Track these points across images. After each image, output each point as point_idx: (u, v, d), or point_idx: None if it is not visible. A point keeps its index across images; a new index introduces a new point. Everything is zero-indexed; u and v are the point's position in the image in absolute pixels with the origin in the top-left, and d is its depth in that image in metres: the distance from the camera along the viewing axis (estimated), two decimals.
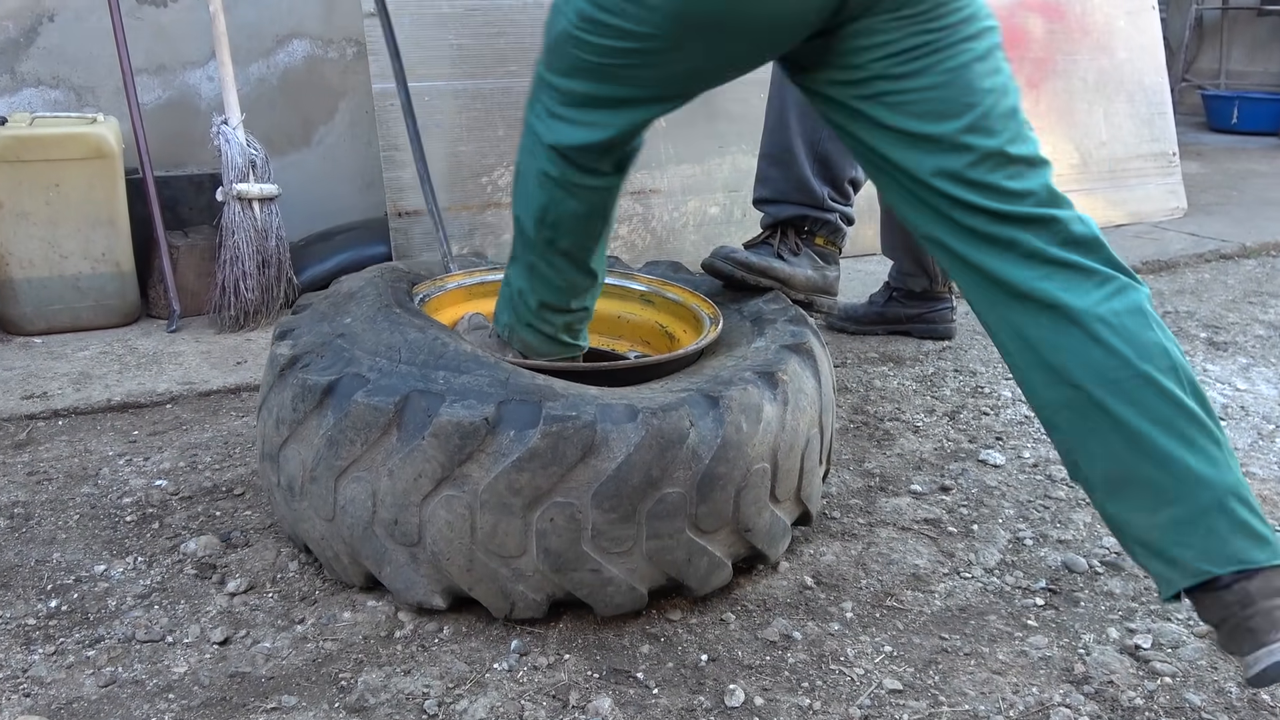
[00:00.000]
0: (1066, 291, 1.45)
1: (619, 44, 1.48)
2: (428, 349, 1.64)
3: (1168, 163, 4.55)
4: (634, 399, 1.58)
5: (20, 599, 1.68)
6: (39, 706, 1.44)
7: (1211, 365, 2.81)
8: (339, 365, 1.62)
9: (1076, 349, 1.43)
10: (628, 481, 1.51)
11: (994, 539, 1.92)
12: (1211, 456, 1.37)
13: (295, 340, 1.73)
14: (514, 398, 1.53)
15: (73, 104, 3.29)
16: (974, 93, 1.49)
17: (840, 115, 1.59)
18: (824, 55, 1.55)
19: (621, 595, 1.58)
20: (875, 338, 3.01)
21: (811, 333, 1.86)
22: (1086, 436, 1.44)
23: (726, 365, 1.75)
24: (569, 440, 1.50)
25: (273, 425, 1.69)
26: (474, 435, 1.50)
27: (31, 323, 2.90)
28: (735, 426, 1.57)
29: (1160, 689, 1.51)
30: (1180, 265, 3.84)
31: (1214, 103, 7.19)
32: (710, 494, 1.57)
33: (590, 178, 1.62)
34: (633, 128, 1.59)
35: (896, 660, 1.57)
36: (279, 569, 1.78)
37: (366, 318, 1.75)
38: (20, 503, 1.99)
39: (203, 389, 2.55)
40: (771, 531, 1.69)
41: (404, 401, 1.54)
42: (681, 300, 2.07)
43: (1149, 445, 1.38)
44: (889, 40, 1.49)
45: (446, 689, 1.48)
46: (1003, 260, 1.49)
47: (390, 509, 1.56)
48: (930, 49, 1.48)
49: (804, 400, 1.70)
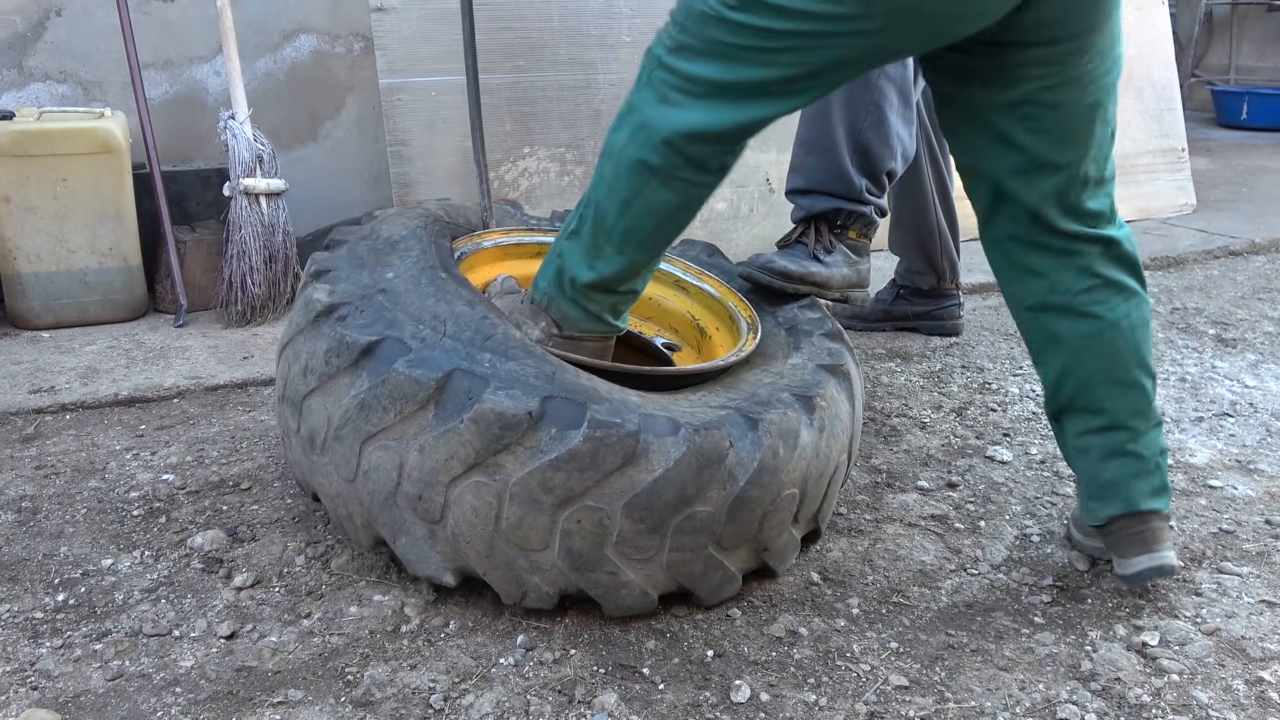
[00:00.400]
0: (1102, 305, 1.69)
1: (781, 25, 1.43)
2: (475, 327, 1.59)
3: (1177, 159, 4.54)
4: (675, 412, 1.56)
5: (28, 592, 1.69)
6: (46, 699, 1.44)
7: (1220, 362, 2.80)
8: (380, 326, 1.56)
9: (1094, 352, 1.70)
10: (662, 496, 1.50)
11: (1001, 535, 1.92)
12: (1155, 428, 1.73)
13: (333, 285, 1.65)
14: (559, 394, 1.50)
15: (80, 99, 3.30)
16: (1099, 123, 1.63)
17: (972, 127, 1.66)
18: (985, 68, 1.59)
19: (633, 599, 1.58)
20: (883, 334, 3.00)
21: (848, 351, 1.85)
22: (1078, 417, 1.75)
23: (763, 382, 1.72)
24: (611, 447, 1.48)
25: (299, 371, 1.63)
26: (515, 427, 1.47)
27: (39, 317, 2.91)
28: (773, 451, 1.56)
29: (1167, 686, 1.51)
30: (1189, 262, 3.83)
31: (1223, 99, 7.16)
32: (739, 515, 1.56)
33: (694, 172, 1.54)
34: (754, 122, 1.52)
35: (903, 656, 1.57)
36: (285, 563, 1.78)
37: (410, 277, 1.68)
38: (28, 497, 1.99)
39: (210, 384, 2.55)
40: (785, 550, 1.70)
41: (446, 379, 1.50)
42: (718, 295, 2.04)
43: (1123, 428, 1.71)
44: (1056, 70, 1.56)
45: (452, 683, 1.48)
46: (1059, 270, 1.70)
47: (416, 484, 1.53)
48: (1085, 80, 1.58)
49: (839, 427, 1.70)
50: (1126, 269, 1.71)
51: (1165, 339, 2.99)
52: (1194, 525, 1.95)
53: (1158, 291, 3.45)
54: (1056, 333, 1.72)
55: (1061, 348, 1.72)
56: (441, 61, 3.15)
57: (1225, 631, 1.63)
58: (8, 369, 2.61)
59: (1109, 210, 1.70)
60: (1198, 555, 1.85)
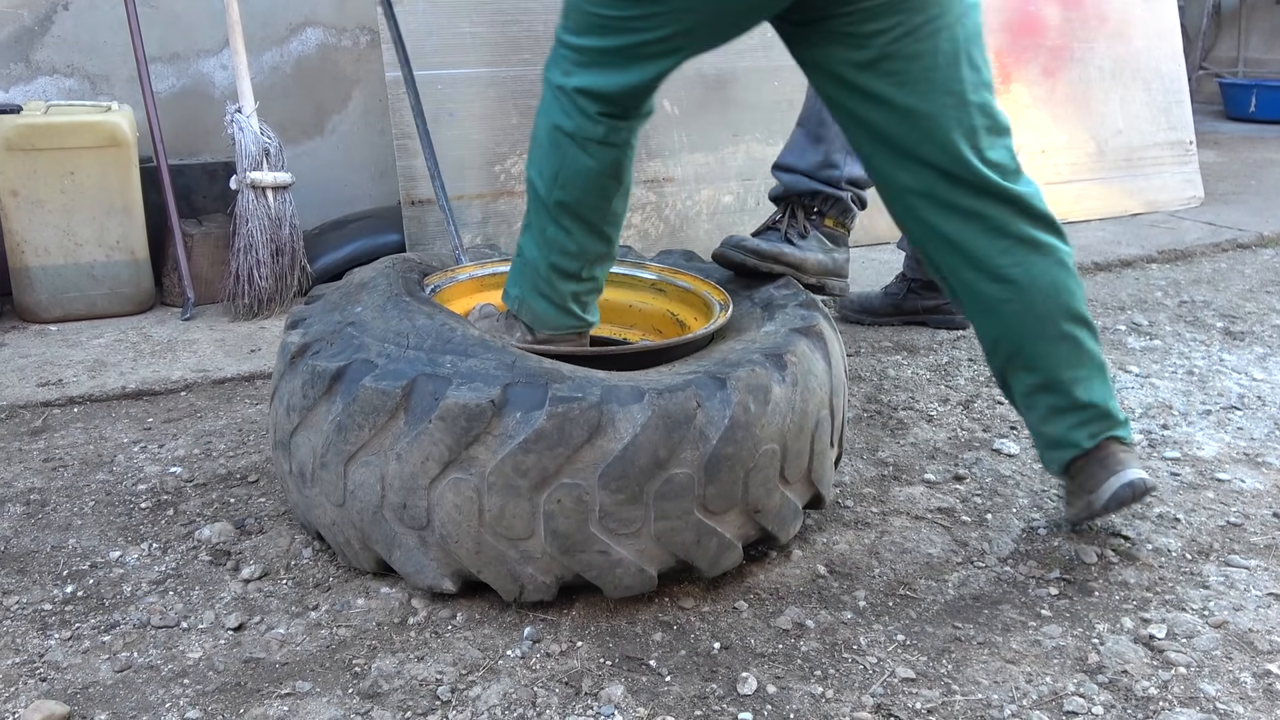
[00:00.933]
0: (1019, 267, 1.72)
1: (621, 8, 1.58)
2: (435, 334, 1.65)
3: (1184, 151, 4.52)
4: (641, 381, 1.58)
5: (37, 584, 1.69)
6: (55, 691, 1.45)
7: (1228, 355, 2.79)
8: (348, 352, 1.64)
9: (1019, 314, 1.74)
10: (635, 462, 1.52)
11: (1008, 528, 1.92)
12: (1095, 372, 1.78)
13: (306, 329, 1.75)
14: (520, 380, 1.54)
15: (87, 92, 3.30)
16: (966, 67, 1.65)
17: (837, 89, 1.71)
18: (833, 32, 1.65)
19: (630, 577, 1.59)
20: (890, 328, 3.00)
21: (822, 316, 1.86)
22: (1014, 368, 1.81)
23: (735, 349, 1.75)
24: (575, 421, 1.50)
25: (284, 412, 1.70)
26: (480, 417, 1.51)
27: (47, 310, 2.92)
28: (743, 407, 1.57)
29: (1175, 679, 1.51)
30: (1197, 254, 3.81)
31: (1231, 91, 7.13)
32: (718, 475, 1.57)
33: (604, 133, 1.65)
34: (642, 83, 1.65)
35: (909, 649, 1.57)
36: (293, 555, 1.78)
37: (377, 306, 1.76)
38: (36, 489, 2.00)
39: (217, 376, 2.55)
40: (782, 513, 1.69)
41: (411, 385, 1.55)
42: (692, 288, 2.07)
43: (1060, 383, 1.76)
44: (899, 22, 1.60)
45: (460, 675, 1.49)
46: (971, 234, 1.73)
47: (399, 493, 1.56)
48: (938, 27, 1.62)
49: (813, 382, 1.70)
50: (1040, 224, 1.73)
51: (1173, 332, 2.98)
52: (1201, 518, 1.95)
53: (1165, 284, 3.44)
54: (980, 295, 1.76)
55: (989, 311, 1.76)
56: (448, 55, 3.14)
57: (1233, 624, 1.63)
58: (16, 362, 2.62)
59: (1011, 163, 1.72)
60: (1205, 548, 1.85)
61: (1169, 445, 2.25)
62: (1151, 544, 1.86)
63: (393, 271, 1.93)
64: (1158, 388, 2.57)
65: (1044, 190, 1.77)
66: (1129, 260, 3.70)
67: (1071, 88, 4.24)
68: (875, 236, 3.64)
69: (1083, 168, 4.22)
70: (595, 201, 1.71)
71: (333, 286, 1.93)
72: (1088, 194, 4.22)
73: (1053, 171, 4.11)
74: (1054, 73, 4.20)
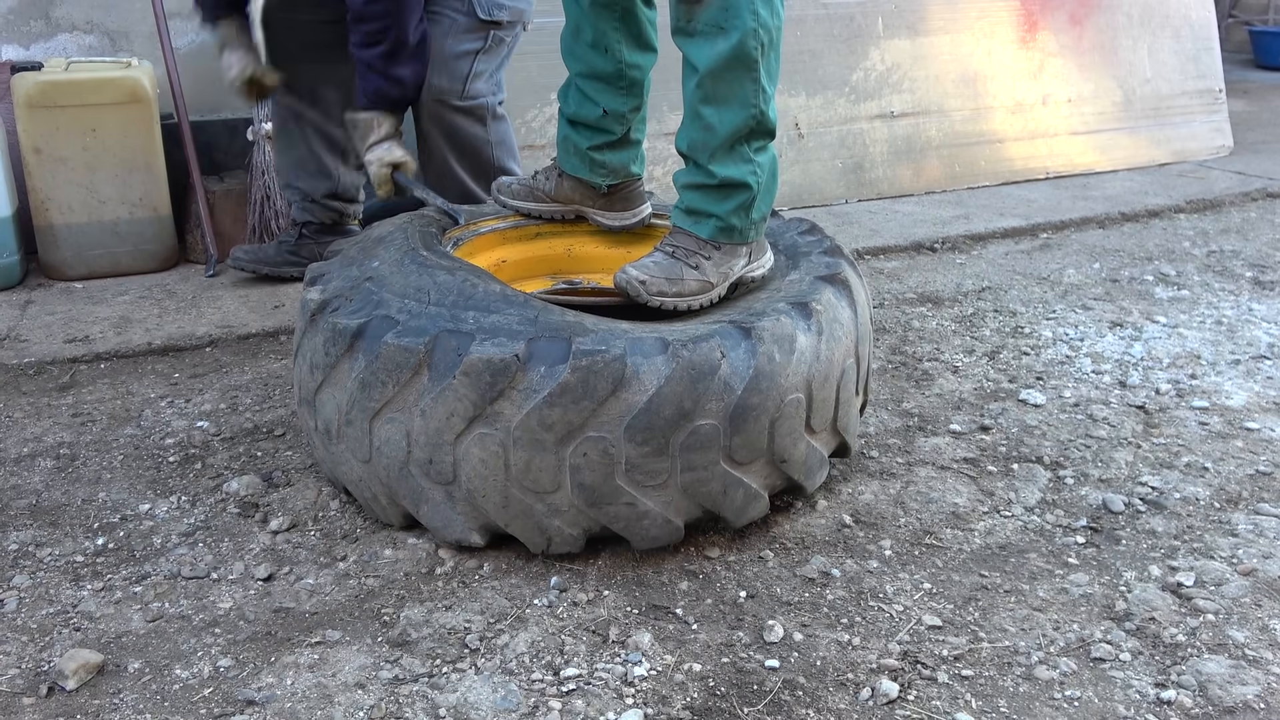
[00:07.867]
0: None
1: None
2: (457, 290, 1.65)
3: (1214, 100, 4.45)
4: (665, 332, 1.57)
5: (69, 537, 1.71)
6: (89, 640, 1.46)
7: (1257, 304, 2.76)
8: (368, 308, 1.63)
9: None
10: (659, 414, 1.51)
11: (1034, 478, 1.91)
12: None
13: (324, 286, 1.74)
14: (543, 334, 1.53)
15: (107, 49, 3.29)
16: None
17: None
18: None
19: (657, 528, 1.59)
20: (913, 279, 2.98)
21: (847, 263, 1.85)
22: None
23: (760, 298, 1.74)
24: (599, 374, 1.50)
25: (307, 370, 1.71)
26: (504, 372, 1.51)
27: (72, 267, 2.93)
28: (768, 357, 1.56)
29: (1203, 625, 1.50)
30: (1226, 204, 3.76)
31: (1262, 39, 7.01)
32: (743, 425, 1.57)
33: None
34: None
35: (936, 597, 1.57)
36: (320, 508, 1.80)
37: (394, 261, 1.76)
38: (66, 444, 2.02)
39: (241, 332, 2.56)
40: (808, 462, 1.69)
41: (434, 341, 1.55)
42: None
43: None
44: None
45: (488, 624, 1.50)
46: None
47: (424, 448, 1.57)
48: None
49: (839, 330, 1.69)
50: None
51: (1201, 282, 2.95)
52: (1230, 467, 1.93)
53: (1193, 234, 3.40)
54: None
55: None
56: None
57: (1262, 572, 1.62)
58: (43, 319, 2.64)
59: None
60: (1234, 496, 1.84)
61: (1197, 395, 2.23)
62: (1180, 493, 1.85)
63: (410, 227, 1.93)
64: (1186, 338, 2.54)
65: (1070, 140, 1.73)
66: (1157, 210, 3.66)
67: (1099, 35, 4.18)
68: (899, 189, 3.61)
69: (1110, 117, 4.15)
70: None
71: (350, 241, 1.93)
72: (1115, 144, 4.16)
73: (1079, 121, 4.05)
74: (1081, 20, 4.13)
